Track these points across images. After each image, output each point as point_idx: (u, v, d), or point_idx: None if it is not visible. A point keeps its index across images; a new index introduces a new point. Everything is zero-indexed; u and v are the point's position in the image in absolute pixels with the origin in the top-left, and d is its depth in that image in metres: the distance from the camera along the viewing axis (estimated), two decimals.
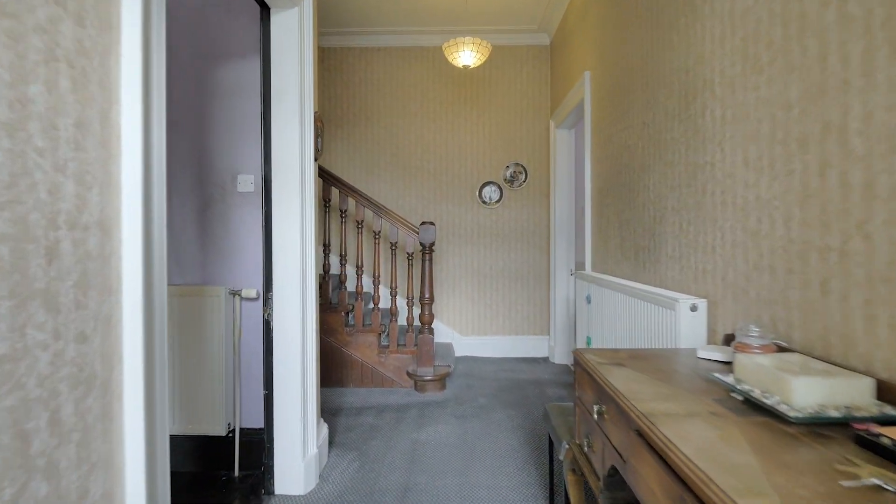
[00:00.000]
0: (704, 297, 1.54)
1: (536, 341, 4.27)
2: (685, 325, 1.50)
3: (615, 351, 1.39)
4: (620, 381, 1.12)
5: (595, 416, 1.18)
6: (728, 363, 1.23)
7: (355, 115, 4.47)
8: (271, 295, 2.14)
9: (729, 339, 1.36)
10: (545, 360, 4.17)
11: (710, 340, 1.51)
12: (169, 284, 2.42)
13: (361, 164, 4.46)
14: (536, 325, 4.28)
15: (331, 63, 4.49)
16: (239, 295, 2.39)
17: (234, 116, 2.42)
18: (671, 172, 1.84)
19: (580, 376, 1.36)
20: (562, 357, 4.02)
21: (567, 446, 1.49)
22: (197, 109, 2.44)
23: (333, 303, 3.63)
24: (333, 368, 3.52)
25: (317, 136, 2.37)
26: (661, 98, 1.93)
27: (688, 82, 1.70)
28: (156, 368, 1.08)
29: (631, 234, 2.29)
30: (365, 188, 4.42)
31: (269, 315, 2.15)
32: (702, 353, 1.28)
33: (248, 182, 2.42)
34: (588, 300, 2.55)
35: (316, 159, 2.38)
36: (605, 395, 1.14)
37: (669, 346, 1.57)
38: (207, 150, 2.44)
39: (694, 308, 1.50)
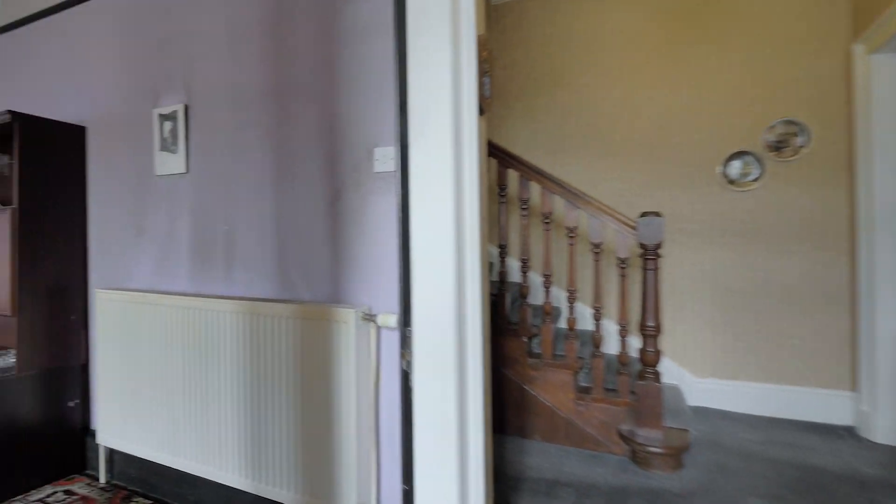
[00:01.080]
0: None
1: (830, 398, 2.71)
2: None
3: None
4: None
5: None
6: None
7: (537, 81, 3.51)
8: (411, 330, 1.31)
9: None
10: (849, 431, 2.60)
11: None
12: (293, 302, 1.79)
13: (545, 142, 3.47)
14: (828, 373, 2.72)
15: (506, 23, 3.61)
16: (374, 321, 1.64)
17: (369, 66, 1.67)
18: None
19: None
20: (889, 432, 2.42)
21: None
22: (323, 63, 1.76)
23: (512, 322, 2.73)
24: (513, 411, 2.62)
25: (482, 73, 1.47)
26: None
27: None
28: None
29: None
30: (550, 172, 3.42)
31: (409, 363, 1.32)
32: None
33: (389, 158, 1.64)
34: None
35: (482, 112, 1.48)
36: None
37: None
38: (338, 119, 1.74)
39: None
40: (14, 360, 2.17)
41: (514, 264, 3.51)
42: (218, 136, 2.01)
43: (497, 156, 2.65)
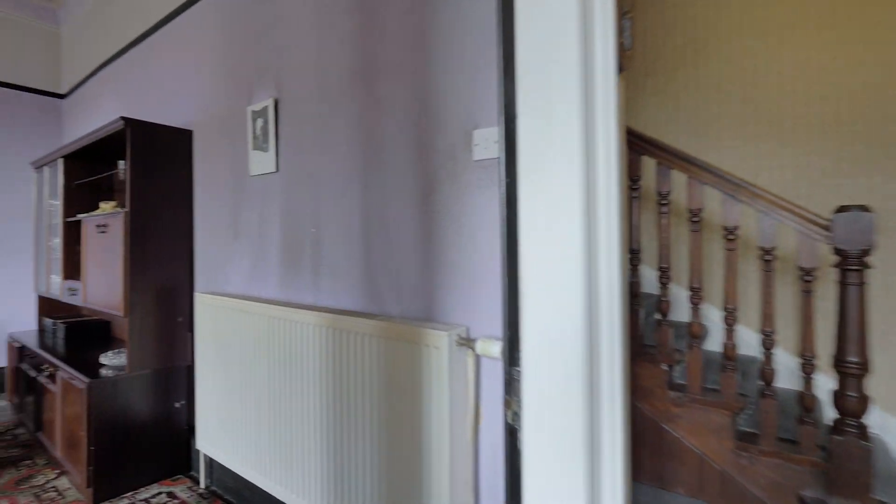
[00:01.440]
0: None
1: None
2: None
3: None
4: None
5: None
6: None
7: (675, 52, 2.91)
8: (519, 371, 0.95)
9: None
10: None
11: None
12: (379, 317, 1.52)
13: (686, 125, 2.87)
14: None
15: None
16: (472, 347, 1.30)
17: (466, 29, 1.34)
18: None
19: None
20: None
21: None
22: (414, 34, 1.47)
23: (647, 344, 2.23)
24: (647, 454, 2.12)
25: (621, 13, 1.05)
26: None
27: None
28: None
29: None
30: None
31: (516, 415, 0.96)
32: None
33: (492, 141, 1.30)
34: None
35: (621, 69, 1.07)
36: None
37: None
38: (430, 97, 1.44)
39: None
40: (126, 359, 2.20)
41: (648, 273, 2.95)
42: (305, 130, 1.82)
43: (627, 140, 2.16)
